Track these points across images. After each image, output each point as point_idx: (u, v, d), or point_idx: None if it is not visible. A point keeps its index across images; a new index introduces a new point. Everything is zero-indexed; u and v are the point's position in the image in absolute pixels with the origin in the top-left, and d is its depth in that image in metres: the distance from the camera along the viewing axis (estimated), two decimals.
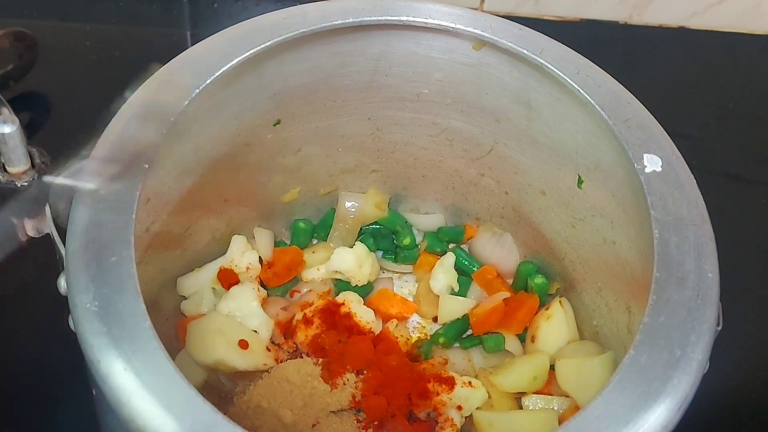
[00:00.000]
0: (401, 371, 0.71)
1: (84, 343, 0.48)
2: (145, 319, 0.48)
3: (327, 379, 0.71)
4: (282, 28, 0.63)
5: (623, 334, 0.67)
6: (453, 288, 0.79)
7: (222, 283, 0.75)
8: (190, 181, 0.68)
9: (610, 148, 0.64)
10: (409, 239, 0.82)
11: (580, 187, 0.70)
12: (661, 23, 1.15)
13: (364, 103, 0.74)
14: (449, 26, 0.67)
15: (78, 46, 1.05)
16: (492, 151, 0.76)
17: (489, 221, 0.83)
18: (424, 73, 0.72)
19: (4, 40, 0.92)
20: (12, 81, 0.95)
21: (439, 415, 0.70)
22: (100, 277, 0.49)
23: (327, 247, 0.81)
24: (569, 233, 0.74)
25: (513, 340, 0.77)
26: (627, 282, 0.66)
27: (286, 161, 0.77)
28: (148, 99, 0.59)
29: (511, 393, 0.72)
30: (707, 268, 0.55)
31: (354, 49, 0.69)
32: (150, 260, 0.68)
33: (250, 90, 0.67)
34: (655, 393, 0.49)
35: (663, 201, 0.58)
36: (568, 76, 0.64)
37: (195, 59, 0.61)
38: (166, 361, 0.47)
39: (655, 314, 0.52)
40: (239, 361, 0.69)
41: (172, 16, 1.10)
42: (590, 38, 1.12)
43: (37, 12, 1.07)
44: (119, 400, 0.46)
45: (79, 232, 0.52)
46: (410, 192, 0.84)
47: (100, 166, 0.54)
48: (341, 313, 0.75)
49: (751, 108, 1.10)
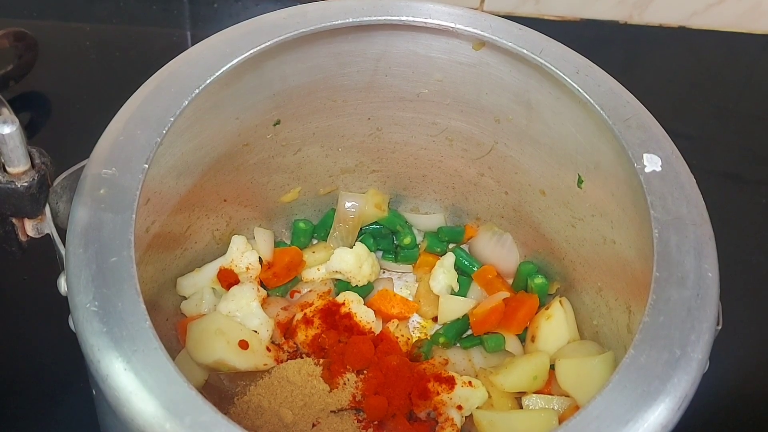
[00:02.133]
0: (401, 371, 0.71)
1: (84, 343, 0.48)
2: (145, 319, 0.48)
3: (327, 379, 0.71)
4: (282, 28, 0.63)
5: (623, 333, 0.67)
6: (453, 288, 0.79)
7: (222, 283, 0.75)
8: (190, 181, 0.69)
9: (609, 148, 0.64)
10: (409, 239, 0.82)
11: (580, 186, 0.70)
12: (661, 23, 1.15)
13: (364, 103, 0.74)
14: (449, 26, 0.67)
15: (78, 46, 1.05)
16: (492, 151, 0.76)
17: (489, 221, 0.83)
18: (424, 73, 0.72)
19: (4, 40, 0.92)
20: (12, 81, 0.96)
21: (440, 415, 0.70)
22: (100, 277, 0.49)
23: (327, 247, 0.81)
24: (569, 233, 0.74)
25: (513, 340, 0.77)
26: (627, 282, 0.66)
27: (286, 161, 0.77)
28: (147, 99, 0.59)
29: (511, 393, 0.72)
30: (707, 267, 0.55)
31: (354, 49, 0.69)
32: (150, 260, 0.68)
33: (250, 90, 0.67)
34: (655, 392, 0.49)
35: (663, 200, 0.58)
36: (567, 76, 0.64)
37: (195, 59, 0.61)
38: (166, 361, 0.47)
39: (655, 314, 0.52)
40: (239, 361, 0.69)
41: (172, 16, 1.10)
42: (590, 38, 1.12)
43: (37, 12, 1.07)
44: (119, 400, 0.46)
45: (79, 232, 0.52)
46: (410, 192, 0.84)
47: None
48: (341, 313, 0.75)
49: (751, 108, 1.10)
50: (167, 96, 0.58)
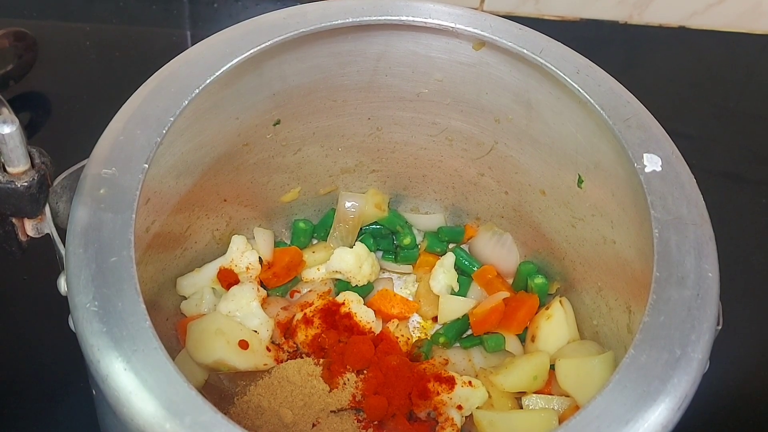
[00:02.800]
0: (401, 371, 0.71)
1: (84, 343, 0.48)
2: (145, 319, 0.48)
3: (327, 379, 0.71)
4: (282, 28, 0.63)
5: (623, 333, 0.67)
6: (453, 288, 0.79)
7: (222, 283, 0.75)
8: (190, 180, 0.69)
9: (609, 148, 0.64)
10: (409, 239, 0.82)
11: (580, 186, 0.70)
12: (661, 23, 1.15)
13: (364, 102, 0.74)
14: (449, 26, 0.66)
15: (78, 46, 1.05)
16: (492, 150, 0.76)
17: (489, 221, 0.83)
18: (424, 73, 0.72)
19: (4, 40, 0.92)
20: (12, 81, 0.96)
21: (440, 415, 0.70)
22: (100, 277, 0.49)
23: (327, 247, 0.81)
24: (569, 233, 0.74)
25: (513, 339, 0.77)
26: (627, 281, 0.66)
27: (286, 161, 0.77)
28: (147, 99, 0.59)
29: (512, 392, 0.72)
30: (707, 267, 0.55)
31: (354, 49, 0.69)
32: (150, 260, 0.68)
33: (249, 90, 0.67)
34: (655, 392, 0.49)
35: (663, 200, 0.58)
36: (567, 76, 0.64)
37: (195, 59, 0.61)
38: (166, 361, 0.47)
39: (655, 314, 0.52)
40: (239, 361, 0.69)
41: (172, 16, 1.10)
42: (590, 38, 1.12)
43: (37, 12, 1.07)
44: (119, 400, 0.46)
45: (79, 232, 0.52)
46: (410, 192, 0.84)
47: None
48: (341, 313, 0.75)
49: (751, 108, 1.10)
50: (167, 96, 0.58)
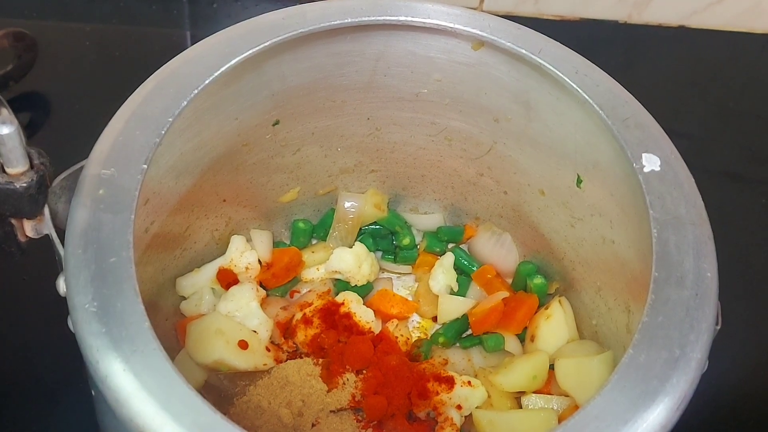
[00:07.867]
0: (401, 371, 0.71)
1: (83, 343, 0.48)
2: (145, 320, 0.48)
3: (326, 379, 0.71)
4: (281, 28, 0.63)
5: (622, 333, 0.67)
6: (452, 288, 0.79)
7: (221, 283, 0.75)
8: (190, 181, 0.69)
9: (608, 148, 0.64)
10: (408, 239, 0.82)
11: (579, 186, 0.70)
12: (660, 22, 1.15)
13: (363, 103, 0.74)
14: (448, 26, 0.66)
15: (78, 46, 1.05)
16: (491, 150, 0.76)
17: (488, 221, 0.83)
18: (423, 73, 0.72)
19: (4, 40, 0.92)
20: (12, 81, 0.96)
21: (439, 415, 0.70)
22: (99, 278, 0.49)
23: (326, 247, 0.81)
24: (568, 233, 0.74)
25: (512, 339, 0.77)
26: (626, 281, 0.66)
27: (285, 161, 0.77)
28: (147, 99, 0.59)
29: (511, 392, 0.72)
30: (706, 267, 0.55)
31: (353, 49, 0.69)
32: (149, 260, 0.68)
33: (249, 90, 0.67)
34: (654, 392, 0.49)
35: (662, 200, 0.58)
36: (566, 76, 0.64)
37: (195, 59, 0.61)
38: (165, 362, 0.47)
39: (654, 313, 0.52)
40: (239, 361, 0.69)
41: (172, 16, 1.10)
42: (590, 37, 1.12)
43: (37, 12, 1.07)
44: (118, 400, 0.46)
45: (78, 233, 0.52)
46: (409, 192, 0.84)
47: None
48: (341, 313, 0.75)
49: (752, 107, 1.10)
50: (166, 96, 0.58)
